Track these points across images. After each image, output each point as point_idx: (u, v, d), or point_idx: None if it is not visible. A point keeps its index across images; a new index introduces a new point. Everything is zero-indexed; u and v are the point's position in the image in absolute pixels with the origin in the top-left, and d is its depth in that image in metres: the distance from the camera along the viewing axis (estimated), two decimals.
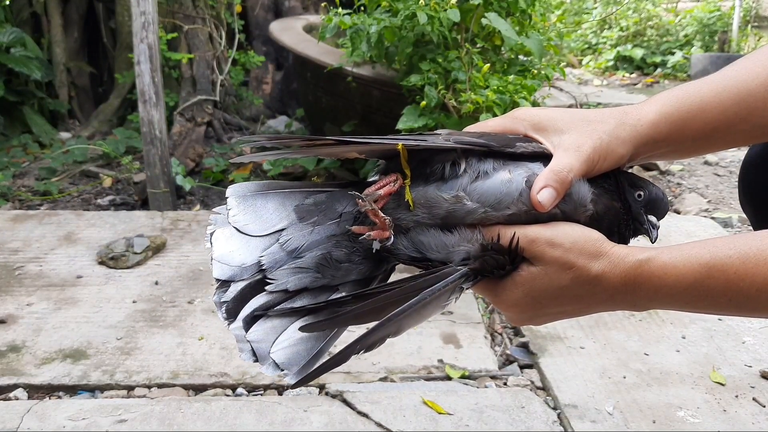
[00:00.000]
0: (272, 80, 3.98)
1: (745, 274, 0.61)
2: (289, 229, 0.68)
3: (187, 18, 3.45)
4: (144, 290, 1.91)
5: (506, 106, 2.04)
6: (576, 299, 0.67)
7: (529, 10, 2.25)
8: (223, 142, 3.46)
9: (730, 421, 1.38)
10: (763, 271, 0.61)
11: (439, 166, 0.69)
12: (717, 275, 0.62)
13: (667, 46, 6.19)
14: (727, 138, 0.74)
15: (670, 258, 0.64)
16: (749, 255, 0.61)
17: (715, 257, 0.62)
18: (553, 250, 0.65)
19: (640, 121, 0.71)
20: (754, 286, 0.61)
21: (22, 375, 1.51)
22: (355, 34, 2.27)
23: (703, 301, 0.64)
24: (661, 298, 0.65)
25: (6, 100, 3.38)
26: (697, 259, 0.63)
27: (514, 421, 1.38)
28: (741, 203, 0.92)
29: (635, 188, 0.73)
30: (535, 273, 0.66)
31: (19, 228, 2.30)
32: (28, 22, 3.77)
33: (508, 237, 0.66)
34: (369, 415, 1.39)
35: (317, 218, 0.69)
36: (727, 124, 0.72)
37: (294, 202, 0.70)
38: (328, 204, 0.70)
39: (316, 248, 0.68)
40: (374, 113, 2.61)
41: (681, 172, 3.18)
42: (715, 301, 0.64)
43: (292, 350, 0.65)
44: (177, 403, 1.42)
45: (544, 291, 0.66)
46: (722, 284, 0.62)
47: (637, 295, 0.65)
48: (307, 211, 0.69)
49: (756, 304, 0.62)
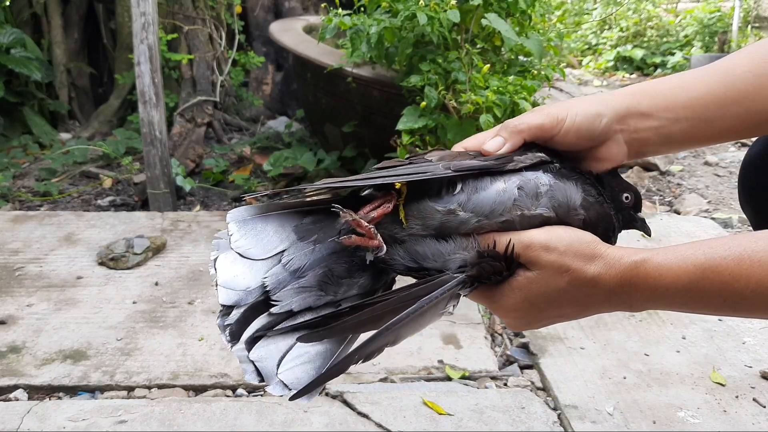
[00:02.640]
0: (272, 81, 3.98)
1: (740, 276, 0.61)
2: (290, 250, 0.69)
3: (187, 19, 3.45)
4: (144, 291, 1.91)
5: (506, 106, 2.04)
6: (573, 302, 0.67)
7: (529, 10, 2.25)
8: (223, 142, 3.46)
9: (731, 422, 1.38)
10: (758, 272, 0.61)
11: (435, 188, 0.70)
12: (712, 276, 0.62)
13: (667, 46, 6.19)
14: (725, 120, 0.73)
15: (665, 259, 0.64)
16: (744, 256, 0.61)
17: (710, 259, 0.62)
18: (548, 254, 0.65)
19: (614, 92, 0.74)
20: (749, 287, 0.61)
21: (22, 376, 1.51)
22: (355, 35, 2.27)
23: (699, 302, 0.64)
24: (656, 299, 0.65)
25: (6, 100, 3.38)
26: (692, 261, 0.63)
27: (514, 422, 1.38)
28: (741, 204, 0.92)
29: (622, 191, 0.75)
30: (531, 278, 0.66)
31: (20, 229, 2.30)
32: (28, 23, 3.77)
33: (503, 243, 0.66)
34: (369, 415, 1.39)
35: (317, 236, 0.70)
36: (718, 103, 0.72)
37: (293, 223, 0.70)
38: (326, 221, 0.71)
39: (317, 266, 0.69)
40: (374, 114, 2.61)
41: (681, 173, 3.18)
42: (711, 302, 0.64)
43: (301, 369, 0.66)
44: (177, 404, 1.42)
45: (542, 295, 0.67)
46: (717, 285, 0.62)
47: (634, 296, 0.65)
48: (307, 230, 0.70)
49: (751, 305, 0.63)
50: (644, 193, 2.91)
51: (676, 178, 3.10)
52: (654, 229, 2.64)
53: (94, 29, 3.94)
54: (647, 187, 2.97)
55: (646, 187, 2.97)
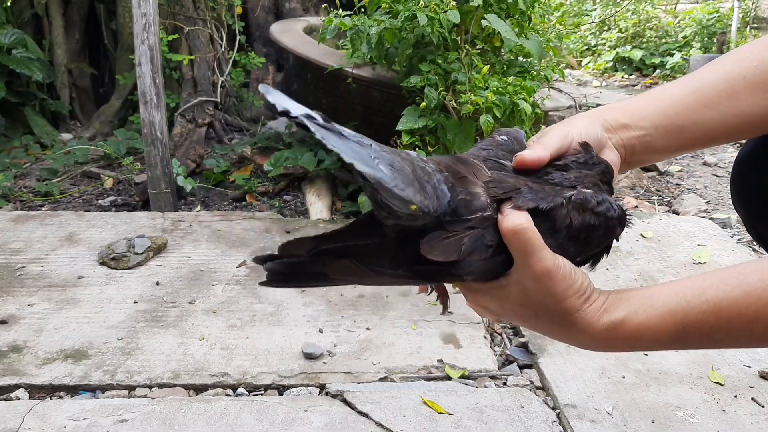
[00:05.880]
0: (273, 81, 3.98)
1: (720, 328, 0.64)
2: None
3: (188, 19, 3.46)
4: (145, 291, 1.92)
5: (506, 107, 2.04)
6: (550, 323, 0.69)
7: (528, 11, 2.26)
8: (223, 143, 3.46)
9: (729, 421, 1.39)
10: (738, 323, 0.63)
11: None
12: (692, 332, 0.65)
13: (666, 47, 6.19)
14: (701, 125, 0.76)
15: (645, 319, 0.66)
16: (722, 309, 0.63)
17: (689, 315, 0.64)
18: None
19: (597, 109, 0.80)
20: (731, 335, 0.64)
21: (23, 375, 1.52)
22: (355, 36, 2.28)
23: (683, 347, 0.68)
24: (638, 350, 0.69)
25: (7, 101, 3.39)
26: (671, 318, 0.65)
27: (513, 421, 1.38)
28: (734, 204, 0.92)
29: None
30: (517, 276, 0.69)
31: (21, 229, 2.31)
32: (29, 24, 3.77)
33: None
34: (369, 414, 1.40)
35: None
36: (690, 109, 0.76)
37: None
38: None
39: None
40: (374, 114, 2.62)
41: (680, 173, 3.19)
42: (695, 346, 0.68)
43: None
44: (178, 403, 1.42)
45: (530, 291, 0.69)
46: (698, 338, 0.65)
47: (611, 348, 0.69)
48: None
49: (737, 345, 0.67)
50: (643, 194, 2.91)
51: (675, 179, 3.11)
52: (653, 230, 2.64)
53: (96, 30, 3.94)
54: (646, 187, 2.98)
55: (645, 187, 2.98)
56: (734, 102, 0.74)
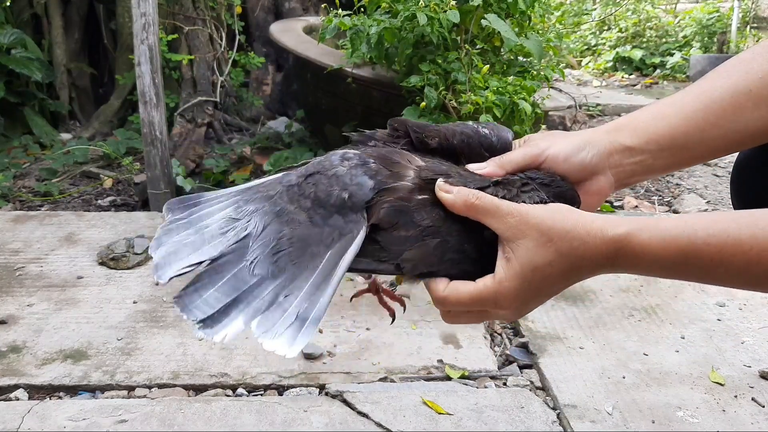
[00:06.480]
0: (272, 81, 3.98)
1: (720, 262, 0.63)
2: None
3: (187, 19, 3.46)
4: (144, 291, 1.92)
5: (506, 106, 2.04)
6: (561, 275, 0.68)
7: (528, 11, 2.26)
8: (223, 143, 3.46)
9: (730, 421, 1.38)
10: (739, 261, 0.63)
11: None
12: (693, 261, 0.64)
13: (666, 47, 6.19)
14: (706, 143, 0.76)
15: (649, 238, 0.65)
16: (726, 244, 0.63)
17: (693, 244, 0.64)
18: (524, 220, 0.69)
19: (595, 130, 0.78)
20: (728, 272, 0.64)
21: (22, 375, 1.51)
22: (355, 36, 2.27)
23: (677, 276, 0.68)
24: (637, 271, 0.68)
25: (7, 101, 3.38)
26: (675, 243, 0.64)
27: (513, 421, 1.38)
28: (733, 205, 0.92)
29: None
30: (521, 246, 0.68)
31: (20, 229, 2.31)
32: (28, 24, 3.77)
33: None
34: (369, 415, 1.39)
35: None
36: (698, 128, 0.75)
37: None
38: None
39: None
40: (374, 114, 2.62)
41: (680, 173, 3.19)
42: (689, 277, 0.68)
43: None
44: (177, 404, 1.42)
45: (531, 265, 0.68)
46: (697, 268, 0.65)
47: (616, 267, 0.68)
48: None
49: (731, 284, 0.66)
50: (643, 194, 2.91)
51: (675, 179, 3.11)
52: None
53: (95, 30, 3.94)
54: (646, 187, 2.98)
55: (645, 187, 2.98)
56: (739, 117, 0.74)
